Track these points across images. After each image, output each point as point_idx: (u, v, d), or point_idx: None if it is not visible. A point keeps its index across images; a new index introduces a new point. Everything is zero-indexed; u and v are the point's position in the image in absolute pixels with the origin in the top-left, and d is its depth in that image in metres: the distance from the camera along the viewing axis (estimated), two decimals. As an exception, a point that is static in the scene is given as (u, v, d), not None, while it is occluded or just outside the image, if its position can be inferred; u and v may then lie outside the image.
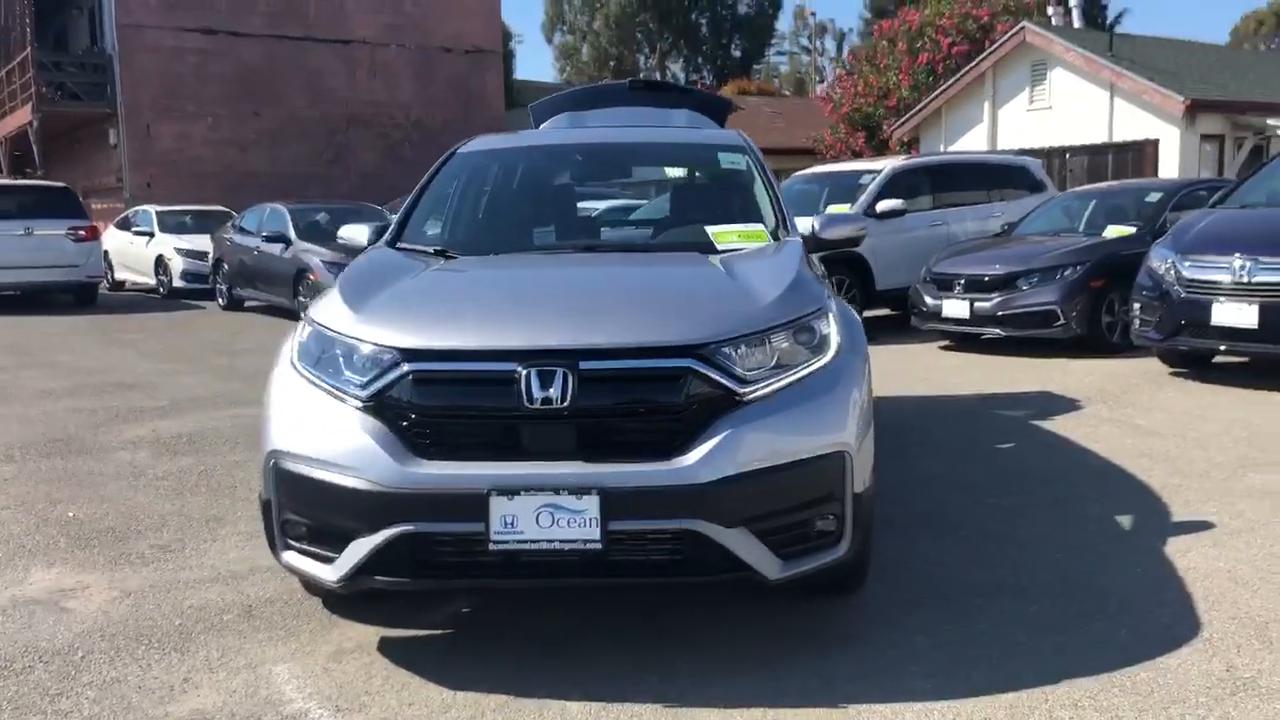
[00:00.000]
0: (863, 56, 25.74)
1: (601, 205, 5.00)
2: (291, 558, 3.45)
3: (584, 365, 3.20)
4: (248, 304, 16.43)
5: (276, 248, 14.89)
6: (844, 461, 3.33)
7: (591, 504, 3.10)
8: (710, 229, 4.36)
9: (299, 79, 27.45)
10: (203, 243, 18.21)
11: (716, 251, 4.18)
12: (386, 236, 4.49)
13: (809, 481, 3.28)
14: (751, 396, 3.27)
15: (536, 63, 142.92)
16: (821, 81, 53.62)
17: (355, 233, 4.73)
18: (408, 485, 3.16)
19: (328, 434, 3.32)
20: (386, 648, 3.59)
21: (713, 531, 3.15)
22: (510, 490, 3.11)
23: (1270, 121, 17.86)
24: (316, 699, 3.23)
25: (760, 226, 4.40)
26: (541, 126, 6.84)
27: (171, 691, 3.31)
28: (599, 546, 3.11)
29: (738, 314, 3.42)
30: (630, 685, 3.23)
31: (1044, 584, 4.03)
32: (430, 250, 4.32)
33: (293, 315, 14.35)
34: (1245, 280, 7.90)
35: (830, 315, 3.58)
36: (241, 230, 16.59)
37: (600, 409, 3.20)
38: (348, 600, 3.86)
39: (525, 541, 3.12)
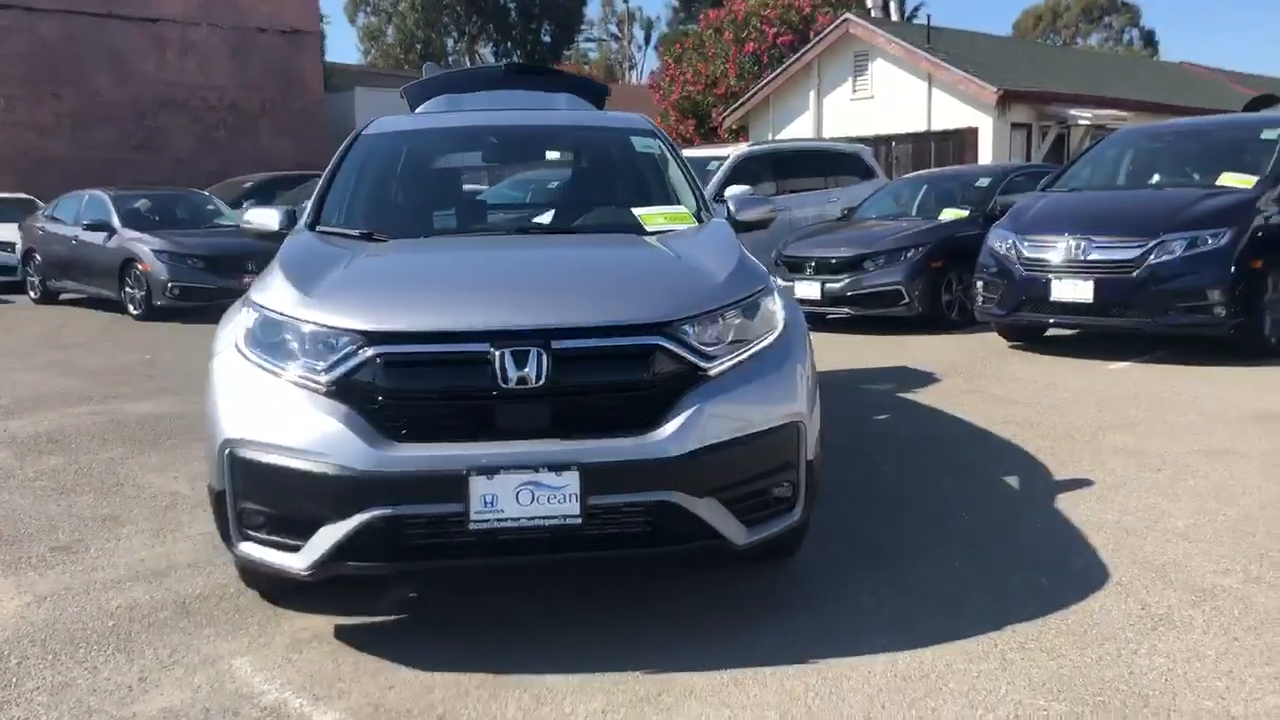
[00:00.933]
0: (690, 45, 26.17)
1: (520, 189, 4.98)
2: (250, 549, 3.36)
3: (556, 344, 3.24)
4: (63, 296, 15.49)
5: (99, 237, 14.08)
6: (798, 431, 3.49)
7: (571, 480, 3.15)
8: (637, 211, 4.45)
9: (103, 58, 25.91)
10: (8, 232, 17.05)
11: (645, 233, 4.28)
12: (305, 220, 4.38)
13: (769, 451, 3.42)
14: (714, 372, 3.38)
15: (340, 45, 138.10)
16: (633, 68, 54.15)
17: (264, 217, 4.58)
18: (382, 468, 3.13)
19: (289, 420, 3.25)
20: (345, 636, 3.54)
21: (685, 502, 3.25)
22: (490, 470, 3.13)
23: (1072, 111, 19.18)
24: (290, 689, 3.17)
25: (683, 208, 4.51)
26: (419, 109, 6.77)
27: (130, 692, 3.19)
28: (578, 521, 3.17)
29: (696, 292, 3.52)
30: (602, 657, 3.30)
31: (959, 542, 4.30)
32: (355, 234, 4.25)
33: (117, 307, 13.65)
34: (1080, 258, 8.52)
35: (775, 293, 3.72)
36: (54, 219, 15.61)
37: (573, 387, 3.25)
38: (287, 592, 3.78)
39: (505, 520, 3.15)
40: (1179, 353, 8.59)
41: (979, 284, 9.42)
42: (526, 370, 3.20)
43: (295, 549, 3.27)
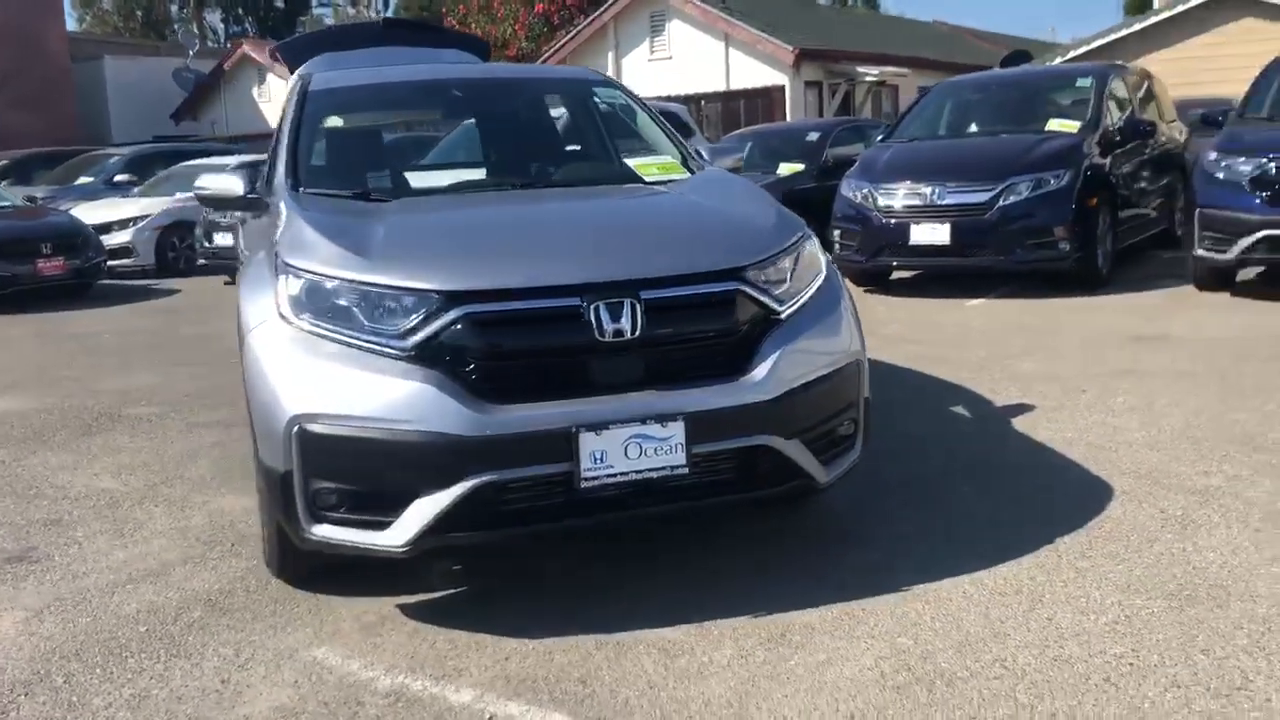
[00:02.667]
0: (475, 7, 25.67)
1: (496, 143, 4.78)
2: (327, 531, 3.14)
3: (646, 295, 3.17)
4: None
5: None
6: (859, 369, 3.57)
7: (677, 430, 3.11)
8: (631, 161, 4.39)
9: None
10: None
11: (644, 183, 4.22)
12: (288, 182, 4.06)
13: (838, 390, 3.48)
14: (785, 315, 3.40)
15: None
16: None
17: (225, 183, 4.22)
18: (485, 432, 2.99)
19: (370, 389, 3.05)
20: (416, 614, 3.36)
21: (779, 444, 3.27)
22: (599, 425, 3.05)
23: (859, 69, 20.08)
24: (399, 672, 2.99)
25: (669, 158, 4.48)
26: (301, 69, 6.41)
27: (221, 695, 2.93)
28: (685, 471, 3.13)
29: (758, 238, 3.53)
30: (699, 607, 3.27)
31: (956, 473, 4.49)
32: (349, 195, 3.99)
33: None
34: (936, 203, 9.00)
35: (813, 236, 3.77)
36: None
37: (665, 337, 3.19)
38: (313, 577, 3.56)
39: (615, 475, 3.07)
40: (1022, 287, 9.20)
41: (836, 233, 9.76)
42: (622, 322, 3.12)
43: (383, 525, 3.08)
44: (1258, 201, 7.87)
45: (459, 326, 3.06)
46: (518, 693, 2.85)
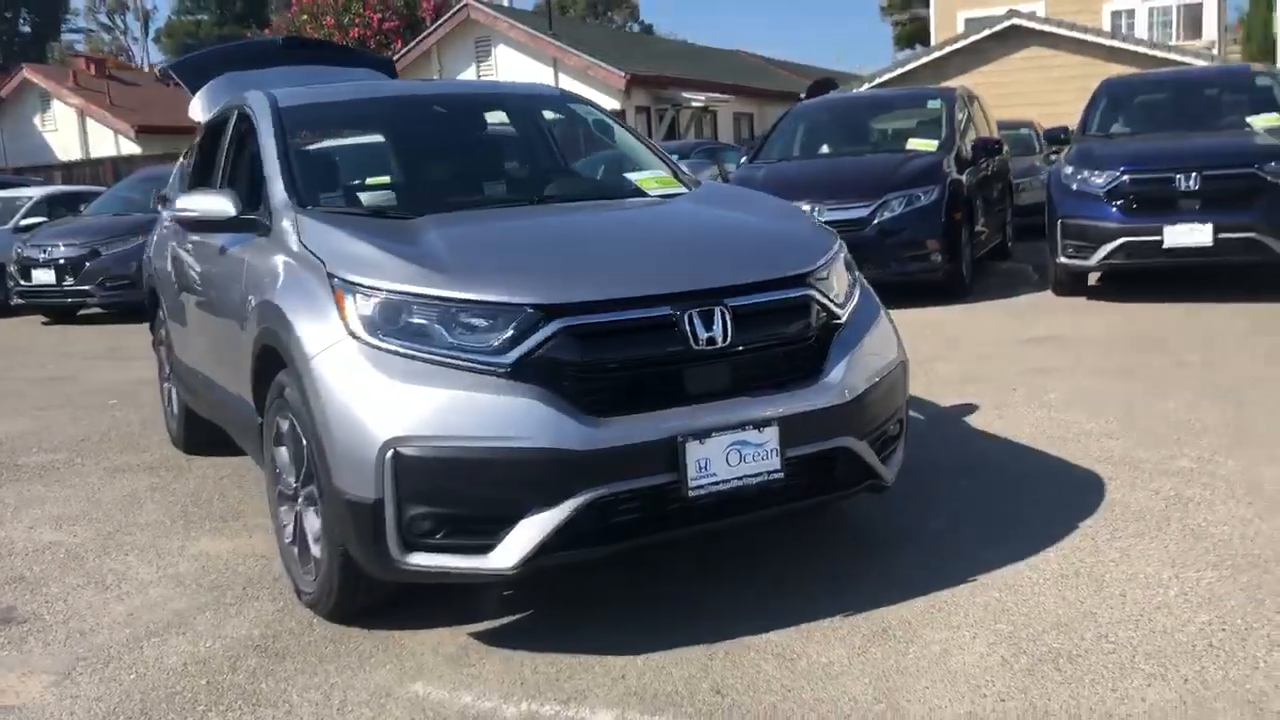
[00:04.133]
0: (283, 30, 24.82)
1: (483, 160, 4.66)
2: (422, 559, 3.00)
3: (732, 302, 3.19)
4: None
5: None
6: (905, 371, 3.69)
7: (772, 435, 3.14)
8: (632, 176, 4.38)
9: None
10: None
11: (646, 195, 4.23)
12: (292, 200, 3.83)
13: (894, 391, 3.59)
14: (844, 319, 3.49)
15: None
16: (131, 61, 50.46)
17: (212, 203, 3.95)
18: (596, 446, 2.93)
19: (471, 408, 2.94)
20: (498, 641, 3.25)
21: (855, 446, 3.35)
22: (703, 434, 3.04)
23: (685, 95, 20.57)
24: (521, 700, 2.88)
25: (663, 172, 4.50)
26: (202, 90, 6.13)
27: (339, 741, 2.75)
28: (781, 476, 3.16)
29: (810, 246, 3.61)
30: (782, 612, 3.30)
31: (944, 471, 4.65)
32: (362, 213, 3.82)
33: None
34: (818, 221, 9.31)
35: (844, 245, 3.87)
36: None
37: (749, 344, 3.21)
38: (370, 613, 3.39)
39: (718, 483, 3.07)
40: (897, 298, 9.61)
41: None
42: (714, 330, 3.12)
43: (486, 549, 2.97)
44: (1114, 211, 8.55)
45: (558, 340, 2.99)
46: (658, 708, 2.80)
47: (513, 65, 20.57)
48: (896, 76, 21.91)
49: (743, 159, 11.41)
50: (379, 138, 4.58)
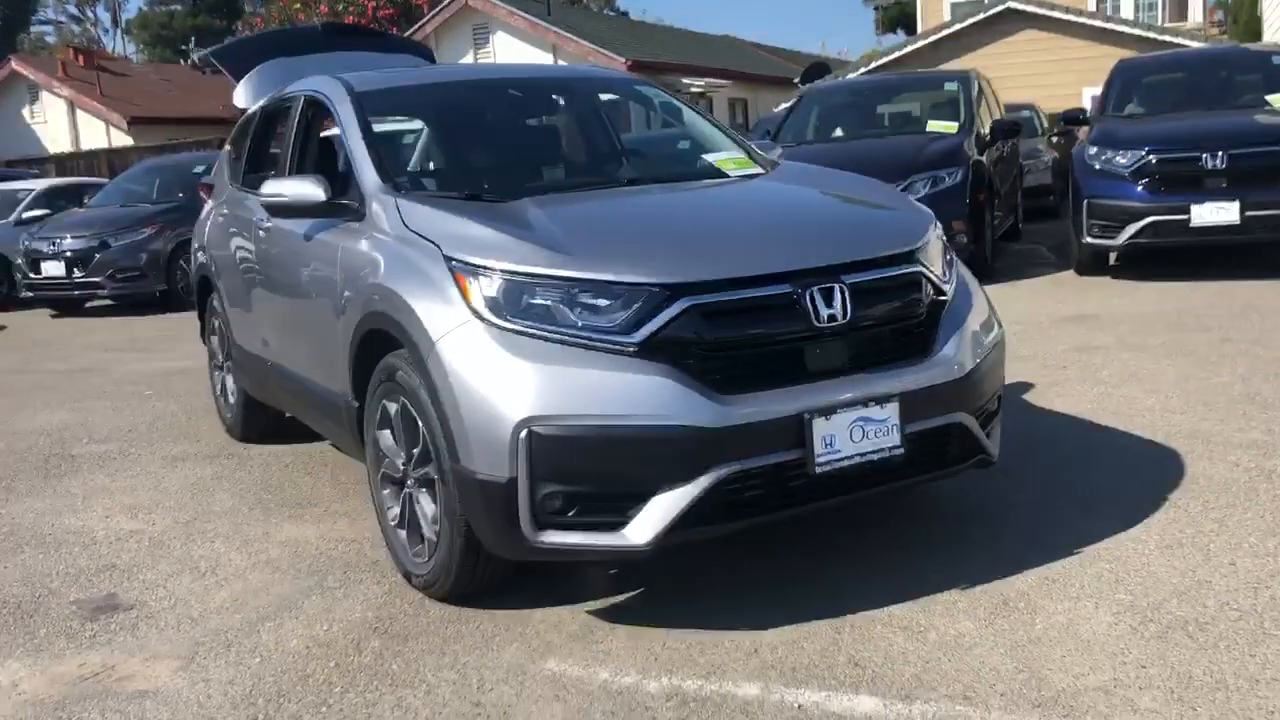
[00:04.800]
0: (274, 19, 24.67)
1: (580, 141, 4.66)
2: (555, 537, 3.02)
3: (849, 279, 3.21)
4: None
5: None
6: (1004, 347, 3.73)
7: (893, 411, 3.17)
8: (709, 157, 4.40)
9: None
10: None
11: (726, 176, 4.24)
12: (386, 185, 3.82)
13: (997, 367, 3.63)
14: (949, 296, 3.52)
15: None
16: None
17: (303, 189, 3.93)
18: (727, 423, 2.95)
19: (604, 387, 2.96)
20: (618, 618, 3.27)
21: (967, 421, 3.39)
22: (828, 410, 3.07)
23: (683, 80, 20.56)
24: (659, 675, 2.90)
25: (739, 153, 4.51)
26: (247, 78, 6.11)
27: (491, 717, 2.77)
28: (901, 451, 3.19)
29: (910, 222, 3.63)
30: (900, 588, 3.33)
31: (1019, 448, 4.66)
32: (458, 196, 3.82)
33: None
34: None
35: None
36: None
37: (868, 321, 3.24)
38: (472, 593, 3.40)
39: (842, 459, 3.10)
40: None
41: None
42: (834, 307, 3.15)
43: (617, 526, 2.99)
44: (1140, 190, 8.61)
45: (684, 319, 3.01)
46: (801, 680, 2.83)
47: (511, 52, 20.50)
48: (892, 60, 21.95)
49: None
50: (455, 122, 4.56)
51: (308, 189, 3.93)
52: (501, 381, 3.00)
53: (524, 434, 2.94)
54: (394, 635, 3.28)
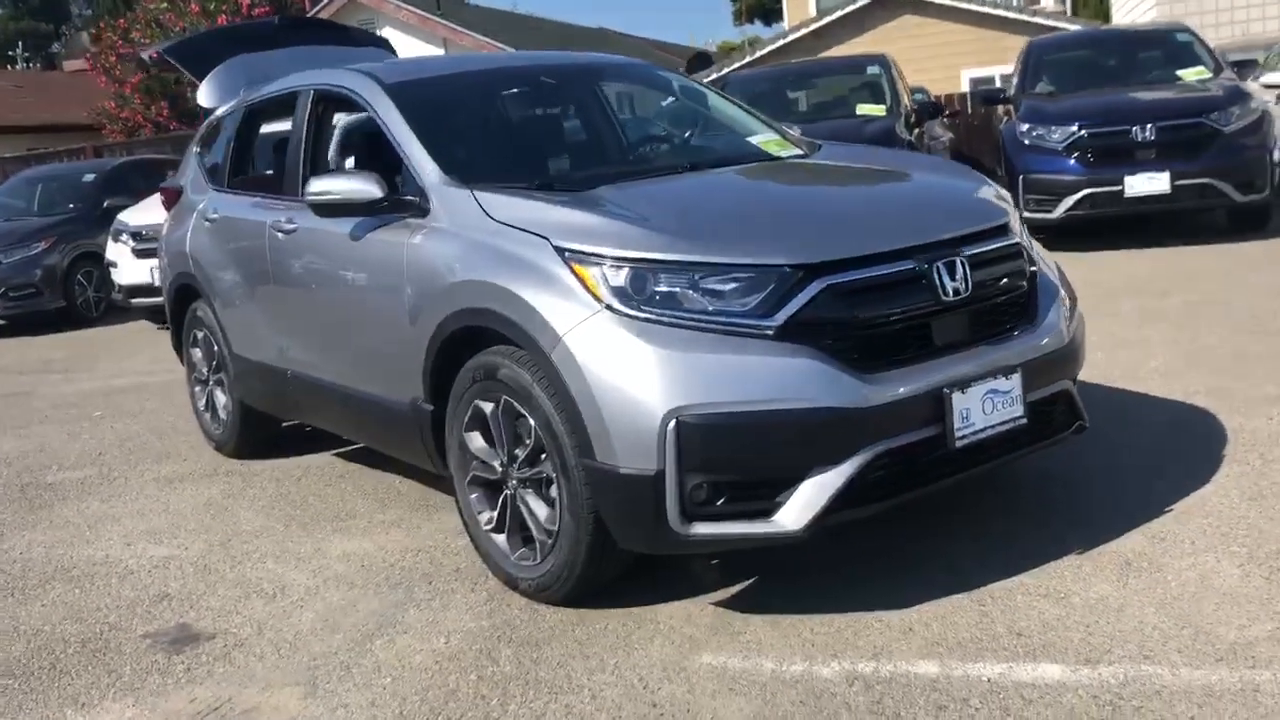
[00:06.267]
0: (140, 19, 23.56)
1: (630, 128, 4.55)
2: (704, 528, 2.95)
3: (966, 251, 3.23)
4: None
5: None
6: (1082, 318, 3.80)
7: (1017, 381, 3.20)
8: (754, 139, 4.36)
9: None
10: None
11: (776, 158, 4.22)
12: (449, 178, 3.67)
13: (1082, 336, 3.68)
14: (1038, 265, 3.57)
15: None
16: None
17: (356, 186, 3.72)
18: (874, 402, 2.93)
19: (748, 372, 2.90)
20: (751, 608, 3.23)
21: (1072, 388, 3.44)
22: (964, 384, 3.08)
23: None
24: (826, 660, 2.87)
25: (776, 136, 4.49)
26: (211, 76, 5.86)
27: (669, 712, 2.69)
28: (1024, 421, 3.22)
29: (997, 198, 3.67)
30: (998, 565, 3.35)
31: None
32: (524, 185, 3.69)
33: None
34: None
35: None
36: None
37: (985, 292, 3.26)
38: (591, 594, 3.31)
39: (976, 432, 3.11)
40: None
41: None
42: (958, 281, 3.16)
43: (768, 513, 2.94)
44: (1074, 164, 8.92)
45: (822, 299, 2.97)
46: (973, 655, 2.83)
47: (401, 47, 19.98)
48: (780, 46, 22.25)
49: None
50: (496, 111, 4.41)
51: (362, 186, 3.74)
52: (643, 372, 2.91)
53: (672, 425, 2.86)
54: (523, 642, 3.16)
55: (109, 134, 23.31)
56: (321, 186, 3.81)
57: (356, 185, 3.74)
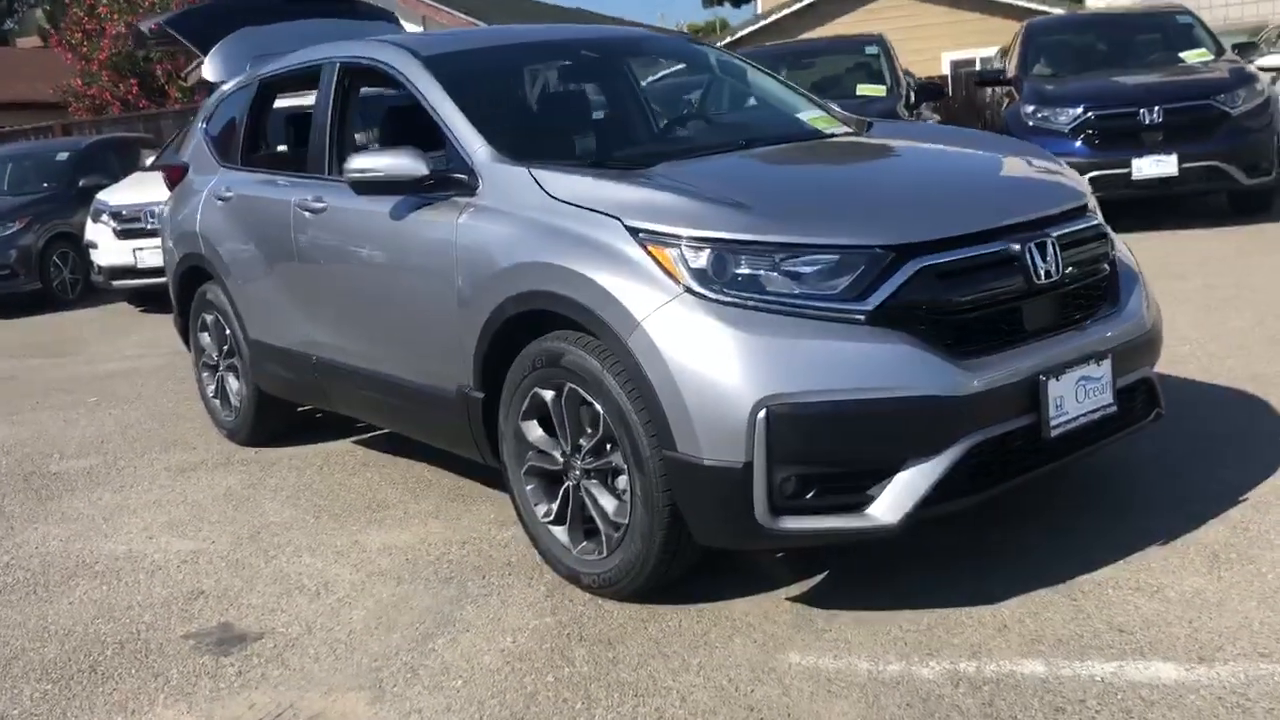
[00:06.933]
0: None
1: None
2: (794, 523, 2.82)
3: (1054, 231, 3.11)
4: None
5: None
6: None
7: (1106, 368, 3.09)
8: (803, 116, 4.23)
9: None
10: None
11: (827, 135, 4.08)
12: (499, 155, 3.49)
13: (1161, 321, 3.56)
14: (1116, 249, 3.46)
15: None
16: None
17: (401, 163, 3.53)
18: (972, 390, 2.81)
19: (842, 358, 2.77)
20: (830, 604, 3.10)
21: (1153, 375, 3.34)
22: (1058, 370, 2.96)
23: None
24: (921, 659, 2.75)
25: (822, 111, 4.35)
26: (216, 50, 5.65)
27: (768, 715, 2.56)
28: (1113, 409, 3.12)
29: (1073, 178, 3.55)
30: (1079, 558, 3.25)
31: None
32: (583, 162, 3.53)
33: None
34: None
35: None
36: None
37: (1073, 275, 3.14)
38: (661, 589, 3.16)
39: (1069, 420, 3.00)
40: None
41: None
42: (1049, 263, 3.04)
43: (860, 506, 2.82)
44: (1081, 146, 8.85)
45: (918, 281, 2.84)
46: (1077, 652, 2.72)
47: (378, 26, 19.65)
48: (762, 27, 22.11)
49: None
50: (534, 85, 4.23)
51: (407, 163, 3.56)
52: (731, 359, 2.76)
53: (762, 414, 2.72)
54: (595, 641, 3.01)
55: (75, 112, 22.70)
56: (364, 163, 3.63)
57: (402, 162, 3.56)
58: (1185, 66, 9.56)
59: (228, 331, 5.18)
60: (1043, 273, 3.01)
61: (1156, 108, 8.63)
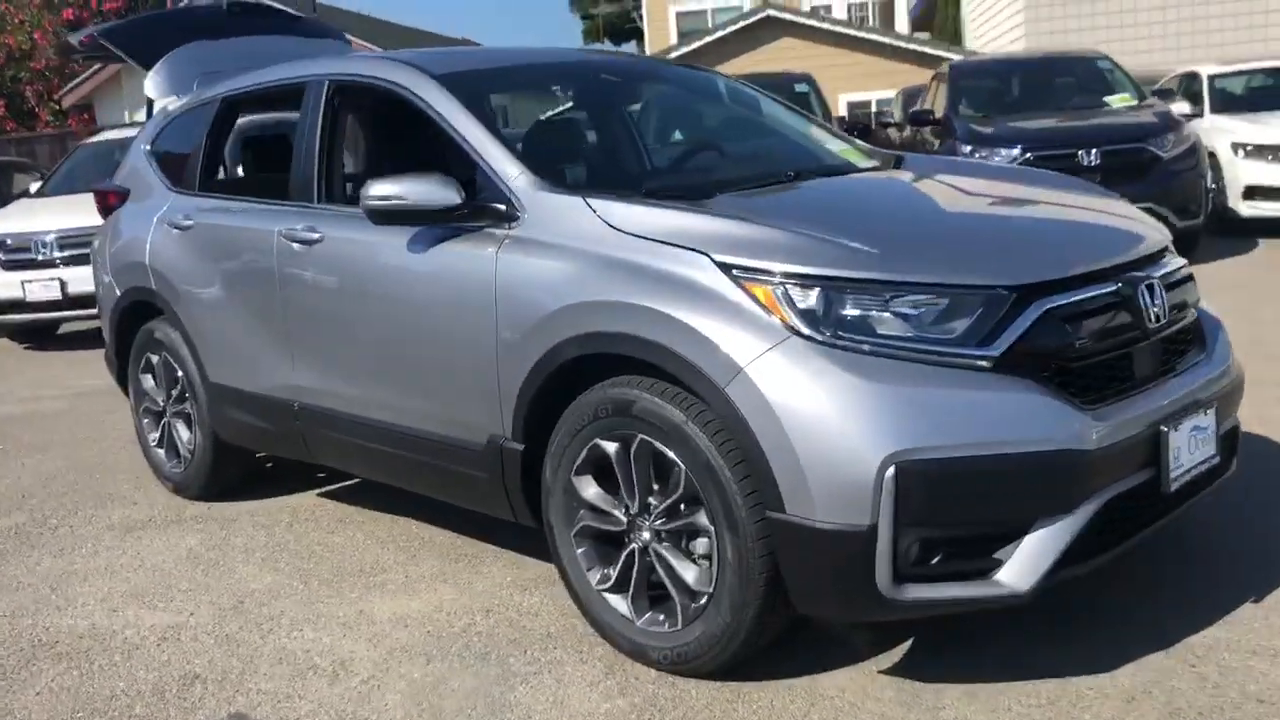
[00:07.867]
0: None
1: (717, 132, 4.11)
2: (919, 592, 2.55)
3: (1156, 273, 2.94)
4: None
5: None
6: None
7: (1212, 417, 2.92)
8: (833, 148, 4.01)
9: None
10: None
11: (860, 169, 3.88)
12: (546, 180, 3.17)
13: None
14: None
15: None
16: None
17: (430, 191, 3.16)
18: (1105, 442, 2.60)
19: (969, 409, 2.53)
20: (921, 675, 2.84)
21: (1238, 424, 3.19)
22: (1176, 419, 2.78)
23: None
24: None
25: (847, 144, 4.15)
26: (160, 65, 5.22)
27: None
28: (1217, 460, 2.95)
29: (1146, 217, 3.40)
30: (1178, 619, 3.09)
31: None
32: (635, 191, 3.23)
33: None
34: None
35: None
36: None
37: (1175, 318, 2.98)
38: (741, 663, 2.85)
39: (1184, 473, 2.82)
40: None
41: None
42: (1158, 305, 2.86)
43: (988, 572, 2.57)
44: (1018, 187, 8.89)
45: (1044, 324, 2.62)
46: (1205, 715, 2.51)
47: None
48: (663, 66, 22.12)
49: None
50: (562, 109, 3.91)
51: (436, 190, 3.20)
52: (855, 410, 2.49)
53: (890, 471, 2.45)
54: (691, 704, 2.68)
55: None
56: (386, 190, 3.25)
57: (432, 189, 3.20)
58: (1112, 110, 9.76)
59: (179, 374, 4.68)
60: (1154, 315, 2.83)
61: (1094, 150, 8.75)
